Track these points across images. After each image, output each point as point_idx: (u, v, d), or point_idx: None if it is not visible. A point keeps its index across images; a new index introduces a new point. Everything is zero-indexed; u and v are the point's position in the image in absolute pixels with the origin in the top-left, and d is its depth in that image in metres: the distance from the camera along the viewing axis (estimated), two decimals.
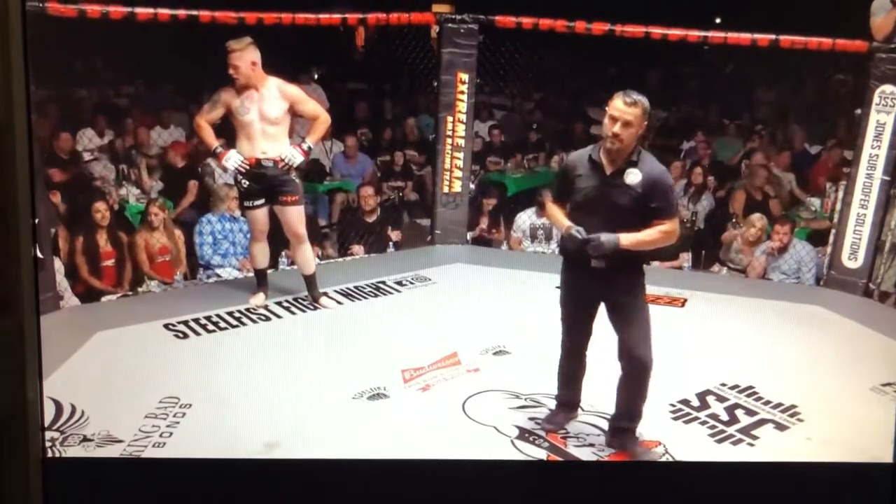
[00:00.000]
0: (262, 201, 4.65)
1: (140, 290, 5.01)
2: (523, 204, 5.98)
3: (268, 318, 4.62)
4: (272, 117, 4.53)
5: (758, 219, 5.53)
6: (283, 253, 5.26)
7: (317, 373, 3.97)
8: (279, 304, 4.77)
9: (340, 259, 5.62)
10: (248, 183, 4.61)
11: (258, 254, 4.81)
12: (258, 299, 4.77)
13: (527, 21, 5.49)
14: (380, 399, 3.84)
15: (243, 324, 4.54)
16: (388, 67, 6.81)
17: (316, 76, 6.98)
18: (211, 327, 4.47)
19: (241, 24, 4.90)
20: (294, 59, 6.36)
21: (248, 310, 4.67)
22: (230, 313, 4.62)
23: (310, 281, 4.79)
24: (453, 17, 5.62)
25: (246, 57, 4.45)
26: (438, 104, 5.73)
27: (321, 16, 5.29)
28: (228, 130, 4.67)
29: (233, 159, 4.54)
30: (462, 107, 5.70)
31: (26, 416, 2.99)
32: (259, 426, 3.54)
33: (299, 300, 4.81)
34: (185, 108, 6.33)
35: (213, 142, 4.59)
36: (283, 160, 4.56)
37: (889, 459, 3.44)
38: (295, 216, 4.69)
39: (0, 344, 2.96)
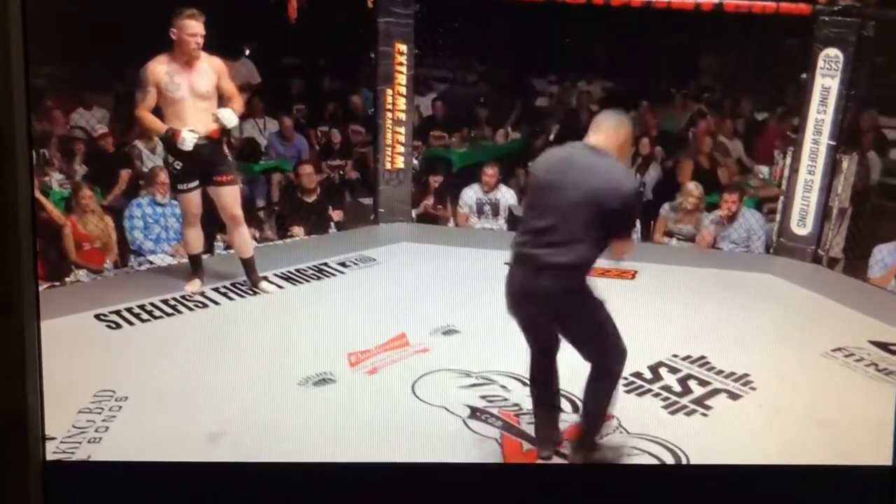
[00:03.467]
0: (195, 183, 4.57)
1: (68, 280, 4.90)
2: (469, 179, 6.00)
3: (205, 305, 4.57)
4: (203, 91, 4.46)
5: (694, 187, 5.63)
6: (219, 236, 5.20)
7: (259, 360, 3.94)
8: (216, 290, 4.72)
9: (280, 241, 5.58)
10: (180, 164, 4.51)
11: (192, 239, 4.74)
12: (194, 286, 4.71)
13: None
14: (326, 384, 3.84)
15: (179, 311, 4.48)
16: (324, 40, 6.73)
17: (247, 51, 6.87)
18: (145, 316, 4.40)
19: None
20: (221, 33, 6.25)
21: (183, 297, 4.61)
22: (165, 301, 4.56)
23: (248, 265, 4.74)
24: None
25: (201, 28, 4.38)
26: (377, 77, 5.71)
27: None
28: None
29: (188, 138, 4.40)
30: (401, 79, 5.69)
31: (27, 420, 2.97)
32: (201, 417, 3.52)
33: (237, 285, 4.76)
34: (110, 89, 6.18)
35: (161, 126, 4.47)
36: (218, 120, 4.47)
37: (886, 459, 3.41)
38: (230, 197, 4.64)
39: (0, 347, 2.93)
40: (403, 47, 5.66)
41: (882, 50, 5.24)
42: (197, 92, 4.44)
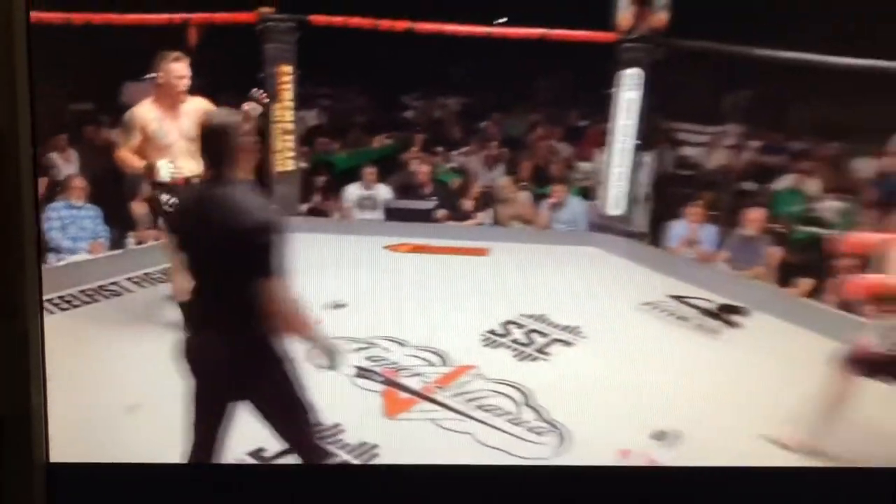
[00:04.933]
0: None
1: None
2: (350, 178, 5.91)
3: (119, 294, 4.30)
4: (193, 134, 3.62)
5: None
6: (129, 234, 4.89)
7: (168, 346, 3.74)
8: (129, 279, 4.45)
9: None
10: (175, 201, 3.65)
11: (186, 283, 3.96)
12: None
13: (338, 20, 5.42)
14: None
15: (96, 300, 4.20)
16: (220, 63, 6.45)
17: (152, 75, 6.48)
18: (64, 305, 4.10)
19: (68, 25, 4.42)
20: (129, 59, 5.88)
21: (101, 287, 4.31)
22: (83, 291, 4.26)
23: None
24: (274, 16, 5.42)
25: (188, 70, 3.73)
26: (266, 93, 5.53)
27: (147, 16, 4.93)
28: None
29: (164, 170, 3.65)
30: (287, 95, 5.54)
31: (30, 421, 2.65)
32: (114, 399, 3.25)
33: (150, 276, 4.50)
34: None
35: (139, 162, 3.72)
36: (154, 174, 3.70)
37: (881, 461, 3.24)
38: None
39: (4, 349, 2.60)
40: (288, 69, 5.51)
41: (671, 69, 5.48)
42: (186, 135, 3.71)
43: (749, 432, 3.31)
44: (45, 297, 3.95)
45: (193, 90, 3.82)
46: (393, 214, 5.55)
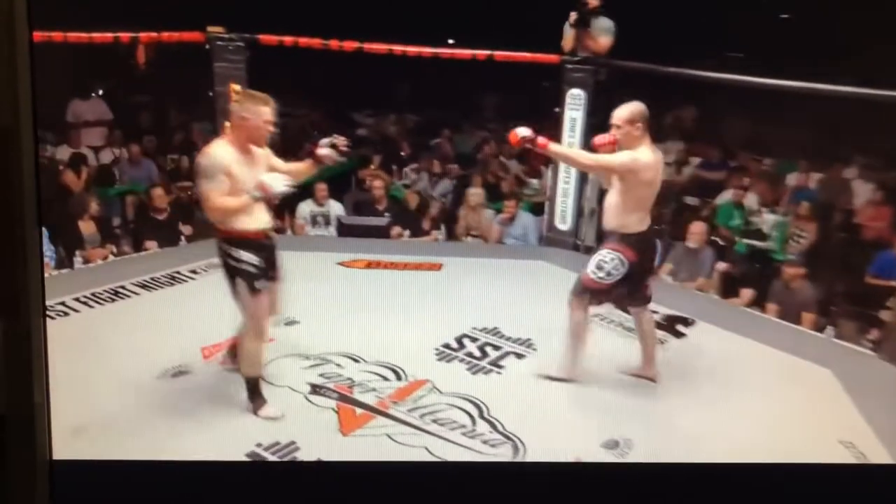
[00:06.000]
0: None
1: None
2: (303, 196, 5.81)
3: (66, 314, 4.12)
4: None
5: (473, 191, 5.80)
6: (77, 252, 4.71)
7: (119, 358, 3.62)
8: (77, 299, 4.27)
9: (136, 254, 5.12)
10: (259, 259, 3.26)
11: (263, 354, 3.40)
12: (271, 410, 3.37)
13: (288, 39, 5.35)
14: (182, 375, 3.58)
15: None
16: (170, 81, 6.31)
17: (101, 91, 6.30)
18: None
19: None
20: (76, 76, 5.71)
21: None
22: None
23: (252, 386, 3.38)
24: (222, 35, 5.32)
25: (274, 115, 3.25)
26: (216, 112, 5.40)
27: (93, 34, 4.78)
28: None
29: (277, 182, 3.18)
30: None
31: (33, 419, 2.60)
32: (65, 415, 3.09)
33: (97, 294, 4.33)
34: None
35: (239, 200, 3.17)
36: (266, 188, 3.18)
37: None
38: (280, 292, 3.45)
39: (6, 347, 2.55)
40: (238, 87, 5.38)
41: (612, 89, 5.58)
42: (256, 183, 3.20)
43: (697, 434, 3.35)
44: None
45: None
46: (346, 231, 5.48)
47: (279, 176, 3.21)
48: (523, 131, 3.61)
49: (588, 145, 5.55)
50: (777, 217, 5.40)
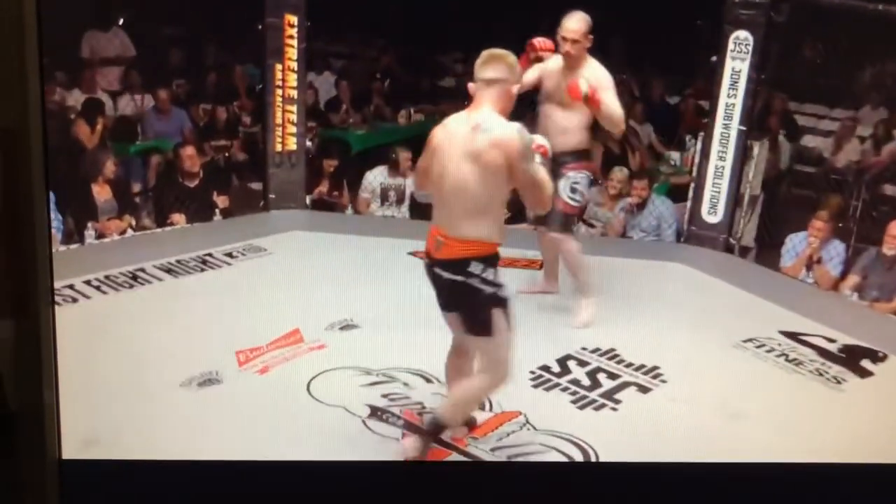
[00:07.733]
0: None
1: None
2: (371, 162, 5.99)
3: (75, 300, 4.44)
4: None
5: (618, 170, 5.79)
6: (89, 224, 5.05)
7: (138, 359, 3.87)
8: (87, 283, 4.59)
9: (159, 230, 5.43)
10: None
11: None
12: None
13: None
14: (212, 385, 3.80)
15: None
16: (207, 8, 6.58)
17: (120, 21, 6.65)
18: None
19: None
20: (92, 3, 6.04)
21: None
22: None
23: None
24: None
25: None
26: (266, 50, 5.63)
27: None
28: None
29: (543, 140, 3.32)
30: (292, 53, 5.64)
31: (42, 418, 3.11)
32: (74, 422, 3.38)
33: (111, 278, 4.65)
34: None
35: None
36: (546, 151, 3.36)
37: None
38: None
39: (16, 345, 3.08)
40: (294, 19, 5.60)
41: (793, 33, 5.47)
42: None
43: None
44: None
45: None
46: (422, 212, 5.62)
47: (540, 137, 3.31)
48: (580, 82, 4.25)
49: (753, 106, 5.43)
50: None
